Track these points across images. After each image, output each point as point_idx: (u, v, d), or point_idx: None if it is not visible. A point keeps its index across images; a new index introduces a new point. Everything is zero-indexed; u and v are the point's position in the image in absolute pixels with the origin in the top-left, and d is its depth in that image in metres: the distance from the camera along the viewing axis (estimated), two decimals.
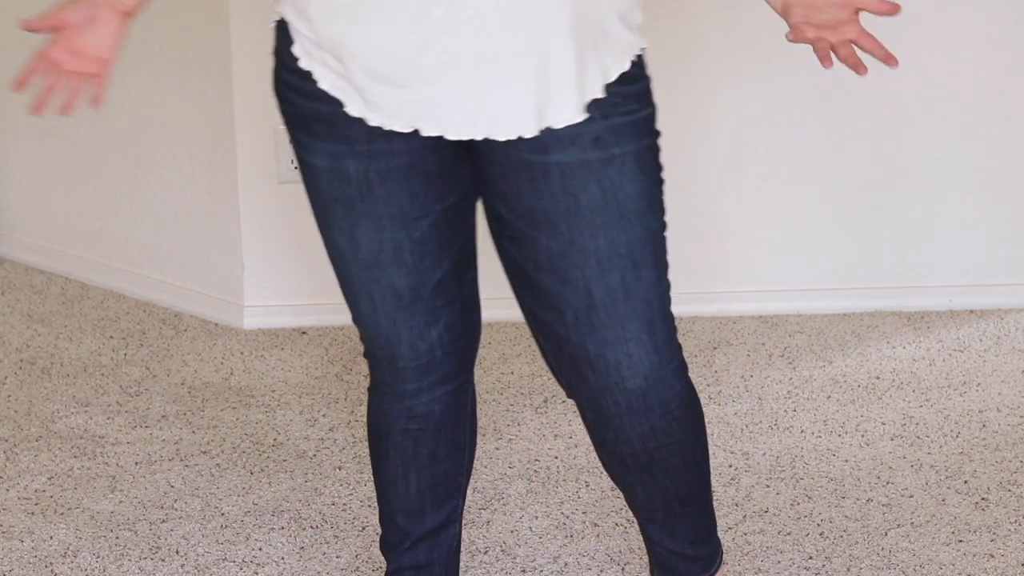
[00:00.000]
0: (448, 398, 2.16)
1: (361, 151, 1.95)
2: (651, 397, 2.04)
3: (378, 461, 2.23)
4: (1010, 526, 2.66)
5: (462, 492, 2.27)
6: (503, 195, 1.97)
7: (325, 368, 3.31)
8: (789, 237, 3.55)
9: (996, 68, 3.45)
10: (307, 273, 3.52)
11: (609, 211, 1.94)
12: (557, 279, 1.98)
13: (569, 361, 2.04)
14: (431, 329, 2.08)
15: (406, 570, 2.27)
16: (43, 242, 3.87)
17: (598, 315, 1.98)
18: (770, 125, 3.48)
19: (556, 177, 1.93)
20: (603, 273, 1.96)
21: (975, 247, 3.56)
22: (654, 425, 2.07)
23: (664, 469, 2.14)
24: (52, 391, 3.21)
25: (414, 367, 2.11)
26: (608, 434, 2.10)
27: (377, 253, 2.01)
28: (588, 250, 1.95)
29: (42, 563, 2.59)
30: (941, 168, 3.51)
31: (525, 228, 1.97)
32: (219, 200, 3.50)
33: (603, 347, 2.00)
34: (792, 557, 2.58)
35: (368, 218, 1.99)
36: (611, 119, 1.93)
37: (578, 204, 1.94)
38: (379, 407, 2.18)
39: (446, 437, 2.19)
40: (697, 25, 3.41)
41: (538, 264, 1.98)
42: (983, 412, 3.07)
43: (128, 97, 3.58)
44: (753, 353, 3.35)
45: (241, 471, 2.88)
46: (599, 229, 1.95)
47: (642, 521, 2.25)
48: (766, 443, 2.95)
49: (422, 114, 1.91)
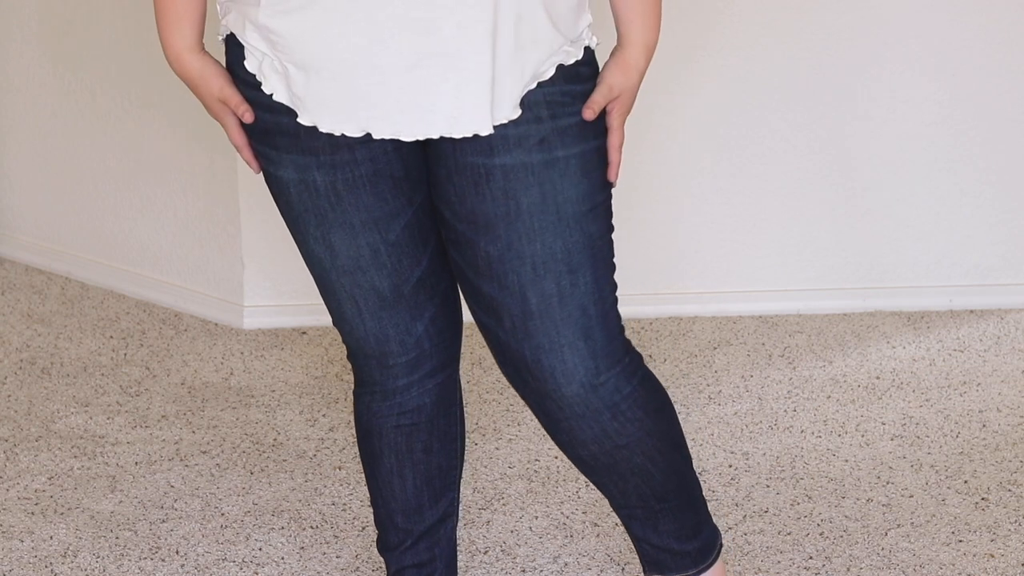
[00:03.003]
0: (438, 389, 2.17)
1: (326, 161, 1.95)
2: (593, 402, 2.02)
3: (371, 462, 2.23)
4: (1010, 526, 2.66)
5: (457, 485, 2.27)
6: (448, 199, 1.97)
7: (325, 368, 3.31)
8: (789, 237, 3.55)
9: (996, 68, 3.45)
10: (307, 273, 3.51)
11: (548, 215, 1.93)
12: (495, 284, 1.97)
13: (512, 366, 2.04)
14: (417, 324, 2.08)
15: (408, 569, 2.27)
16: (43, 242, 3.87)
17: (533, 321, 1.97)
18: (770, 125, 3.48)
19: (499, 180, 1.92)
20: (538, 279, 1.95)
21: (975, 247, 3.56)
22: (605, 428, 2.04)
23: (631, 468, 2.11)
24: (52, 391, 3.21)
25: (404, 362, 2.11)
26: (562, 436, 2.09)
27: (356, 259, 2.02)
28: (524, 255, 1.95)
29: (42, 563, 2.59)
30: (941, 168, 3.51)
31: (467, 232, 1.96)
32: (219, 200, 3.50)
33: (539, 353, 1.99)
34: (792, 557, 2.58)
35: (342, 226, 2.00)
36: (559, 119, 1.93)
37: (518, 208, 1.93)
38: (368, 407, 2.18)
39: (439, 428, 2.20)
40: (697, 24, 3.41)
41: (478, 269, 1.98)
42: (983, 412, 3.07)
43: (128, 97, 3.58)
44: (753, 353, 3.35)
45: (241, 471, 2.88)
46: (536, 233, 1.94)
47: (624, 520, 2.23)
48: (766, 443, 2.95)
49: (374, 116, 1.90)
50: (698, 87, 3.44)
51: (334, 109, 1.91)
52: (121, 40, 3.55)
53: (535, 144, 1.91)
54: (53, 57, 3.70)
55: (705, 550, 2.26)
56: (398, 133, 1.91)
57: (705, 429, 3.00)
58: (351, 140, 1.94)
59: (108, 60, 3.59)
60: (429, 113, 1.89)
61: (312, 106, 1.91)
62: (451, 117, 1.89)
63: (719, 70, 3.44)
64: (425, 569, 2.27)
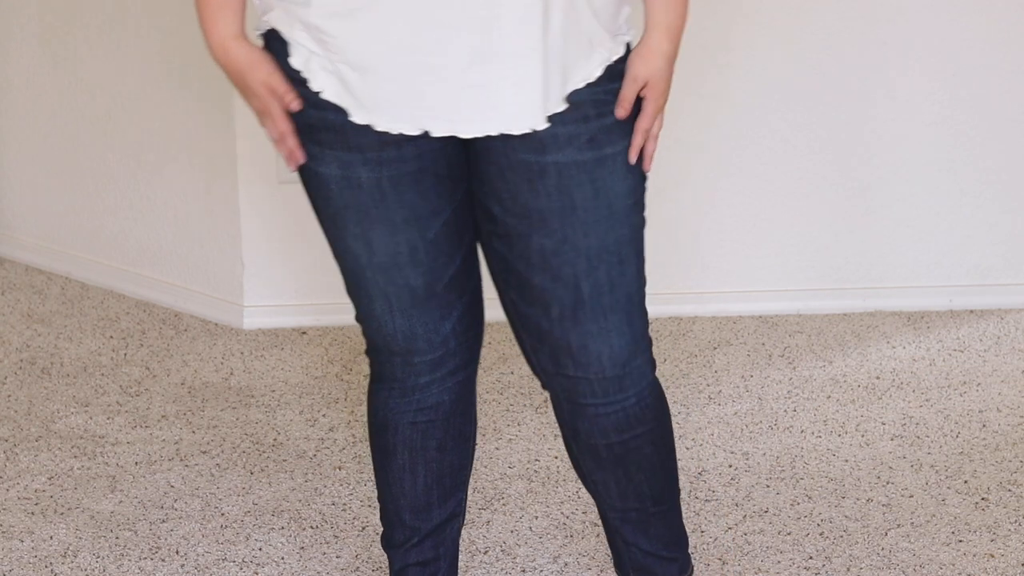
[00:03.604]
0: (458, 388, 2.17)
1: (372, 158, 1.96)
2: (627, 384, 2.09)
3: (383, 458, 2.22)
4: (1010, 526, 2.66)
5: (466, 485, 2.28)
6: (498, 194, 1.99)
7: (325, 368, 3.31)
8: (789, 237, 3.55)
9: (996, 68, 3.45)
10: (307, 273, 3.52)
11: (600, 210, 1.98)
12: (548, 276, 2.01)
13: (549, 353, 2.08)
14: (445, 322, 2.09)
15: (412, 567, 2.27)
16: (43, 242, 3.87)
17: (584, 310, 2.03)
18: (770, 125, 3.48)
19: (553, 177, 1.95)
20: (592, 270, 2.00)
21: (975, 247, 3.56)
22: (628, 413, 2.12)
23: (637, 462, 2.17)
24: (52, 391, 3.21)
25: (429, 360, 2.12)
26: (583, 424, 2.14)
27: (393, 256, 2.02)
28: (580, 248, 1.99)
29: (42, 563, 2.59)
30: (941, 168, 3.51)
31: (519, 227, 2.00)
32: (219, 200, 3.50)
33: (586, 339, 2.04)
34: (792, 557, 2.58)
35: (383, 223, 2.00)
36: (604, 117, 1.96)
37: (572, 203, 1.97)
38: (385, 402, 2.18)
39: (454, 427, 2.20)
40: (696, 23, 3.41)
41: (530, 262, 2.01)
42: (983, 412, 3.07)
43: (128, 97, 3.58)
44: (753, 353, 3.35)
45: (241, 471, 2.88)
46: (590, 227, 1.98)
47: (616, 524, 2.26)
48: (766, 443, 2.95)
49: (432, 114, 1.91)
50: (698, 87, 3.44)
51: (390, 108, 1.92)
52: (121, 40, 3.55)
53: (585, 143, 1.95)
54: (53, 57, 3.70)
55: (684, 564, 2.31)
56: (456, 131, 1.93)
57: (705, 429, 3.00)
58: (399, 137, 1.94)
59: (108, 60, 3.59)
60: (487, 110, 1.91)
61: (368, 105, 1.92)
62: (508, 114, 1.91)
63: (719, 70, 3.44)
64: (429, 568, 2.27)
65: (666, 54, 1.97)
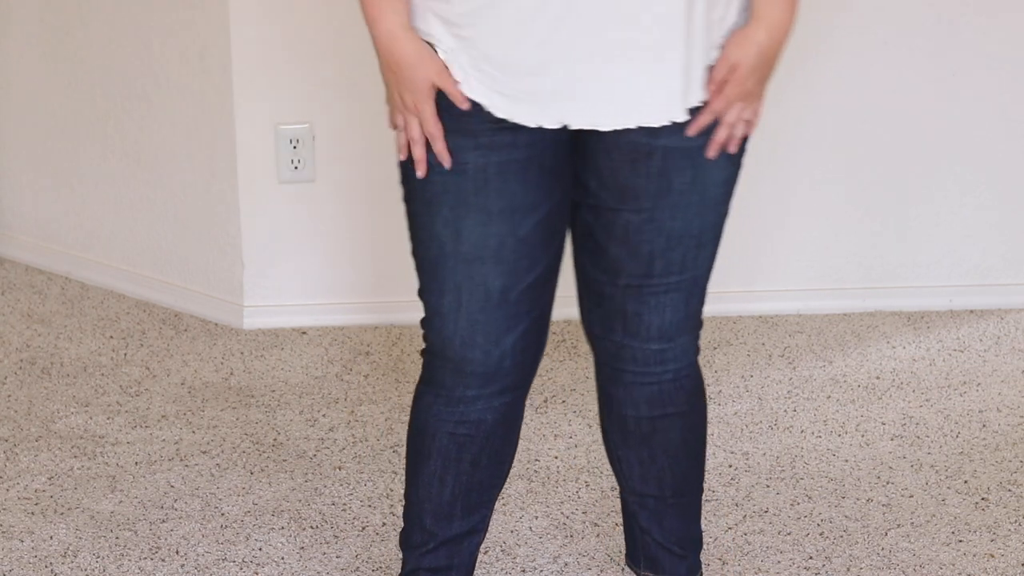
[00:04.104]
0: (503, 409, 2.14)
1: (484, 143, 1.95)
2: (668, 358, 2.13)
3: (416, 459, 2.19)
4: (1010, 526, 2.66)
5: (492, 503, 2.25)
6: (598, 170, 2.01)
7: (325, 368, 3.31)
8: (789, 237, 3.55)
9: (997, 68, 3.45)
10: (307, 273, 3.52)
11: (694, 195, 2.02)
12: (625, 249, 2.05)
13: (602, 316, 2.12)
14: (508, 336, 2.06)
15: (423, 571, 2.25)
16: (43, 242, 3.87)
17: (650, 284, 2.07)
18: (769, 126, 3.48)
19: (658, 160, 1.98)
20: (669, 250, 2.05)
21: (975, 247, 3.56)
22: (663, 387, 2.16)
23: (663, 444, 2.21)
24: (52, 391, 3.21)
25: (480, 373, 2.09)
26: (618, 392, 2.18)
27: (480, 248, 2.00)
28: (663, 228, 2.03)
29: (42, 563, 2.59)
30: (941, 168, 3.50)
31: (610, 201, 2.03)
32: (219, 200, 3.50)
33: (642, 308, 2.09)
34: (792, 557, 2.58)
35: (477, 212, 1.98)
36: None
37: (669, 186, 2.00)
38: (429, 407, 2.14)
39: (492, 447, 2.17)
40: None
41: (612, 233, 2.04)
42: (983, 412, 3.07)
43: (128, 97, 3.58)
44: (753, 353, 3.35)
45: (241, 471, 2.88)
46: (680, 210, 2.02)
47: (634, 508, 2.28)
48: (766, 443, 2.95)
49: (571, 108, 1.92)
50: None
51: (531, 102, 1.92)
52: (121, 40, 3.55)
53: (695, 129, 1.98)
54: (53, 57, 3.70)
55: (694, 566, 2.31)
56: (596, 124, 1.94)
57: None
58: (515, 124, 1.94)
59: (108, 60, 3.59)
60: (628, 103, 1.92)
61: (509, 99, 1.92)
62: (650, 107, 1.93)
63: None
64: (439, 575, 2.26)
65: (760, 44, 1.96)
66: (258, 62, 3.37)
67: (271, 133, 3.41)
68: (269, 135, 3.42)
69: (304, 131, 3.42)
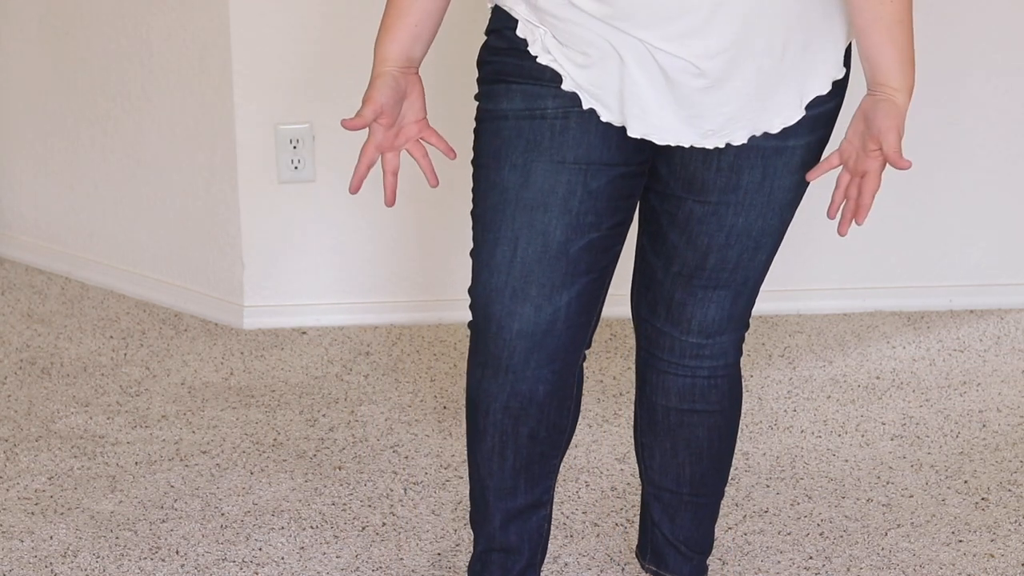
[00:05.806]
0: (554, 378, 2.06)
1: (567, 96, 1.94)
2: (705, 355, 2.14)
3: (474, 436, 2.15)
4: (1010, 526, 2.66)
5: (555, 473, 2.21)
6: (670, 158, 2.01)
7: (325, 368, 3.31)
8: (789, 237, 3.54)
9: (997, 68, 3.45)
10: (307, 273, 3.52)
11: (761, 195, 2.02)
12: (684, 237, 2.06)
13: (650, 300, 2.14)
14: (562, 293, 2.00)
15: (495, 552, 2.22)
16: (43, 242, 3.87)
17: (701, 276, 2.08)
18: None
19: (729, 155, 1.99)
20: (727, 246, 2.05)
21: (975, 247, 3.56)
22: (696, 383, 2.17)
23: (687, 440, 2.21)
24: (52, 391, 3.21)
25: (529, 333, 2.01)
26: (651, 376, 2.19)
27: (547, 194, 1.96)
28: (725, 223, 2.04)
29: (42, 563, 2.59)
30: (941, 168, 3.50)
31: (678, 190, 2.03)
32: (219, 200, 3.50)
33: (688, 299, 2.10)
34: (792, 557, 2.58)
35: (550, 157, 1.95)
36: (814, 108, 2.02)
37: (737, 183, 2.01)
38: (479, 383, 2.08)
39: (548, 418, 2.11)
40: None
41: (674, 220, 2.05)
42: (983, 412, 3.07)
43: (128, 97, 3.58)
44: (753, 353, 3.35)
45: (241, 471, 2.88)
46: (743, 209, 2.03)
47: (648, 499, 2.28)
48: (766, 443, 2.95)
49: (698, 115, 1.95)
50: None
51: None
52: (121, 40, 3.55)
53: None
54: (53, 57, 3.70)
55: (699, 569, 2.32)
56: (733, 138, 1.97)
57: None
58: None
59: (108, 60, 3.59)
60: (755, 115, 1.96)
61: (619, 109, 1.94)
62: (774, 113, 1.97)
63: None
64: (512, 556, 2.22)
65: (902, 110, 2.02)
66: (258, 62, 3.37)
67: (271, 133, 3.41)
68: (269, 135, 3.42)
69: (304, 131, 3.42)
